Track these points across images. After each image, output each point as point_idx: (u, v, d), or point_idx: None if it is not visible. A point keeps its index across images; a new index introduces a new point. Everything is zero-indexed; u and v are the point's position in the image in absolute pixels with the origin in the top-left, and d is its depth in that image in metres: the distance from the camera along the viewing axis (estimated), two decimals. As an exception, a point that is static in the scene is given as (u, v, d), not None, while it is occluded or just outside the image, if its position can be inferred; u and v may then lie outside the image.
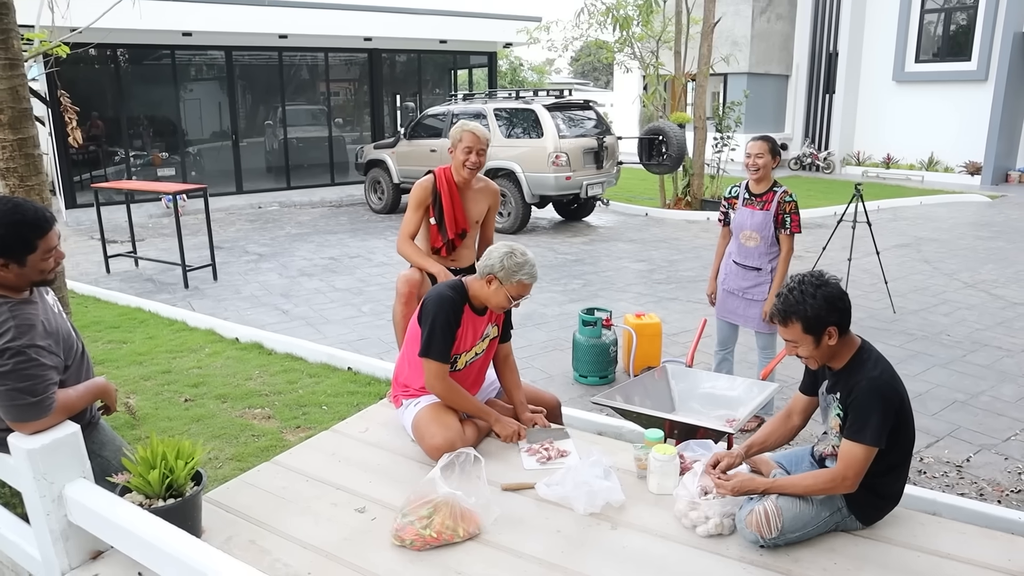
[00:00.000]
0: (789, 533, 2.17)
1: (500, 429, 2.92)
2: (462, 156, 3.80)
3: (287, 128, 15.19)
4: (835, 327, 2.24)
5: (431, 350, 2.80)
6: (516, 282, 2.82)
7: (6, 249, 2.09)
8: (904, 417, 2.26)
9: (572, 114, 10.87)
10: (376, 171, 12.52)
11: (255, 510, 2.41)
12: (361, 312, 6.76)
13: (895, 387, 2.24)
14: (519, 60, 31.24)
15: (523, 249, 2.87)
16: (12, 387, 2.03)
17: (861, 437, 2.18)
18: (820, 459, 2.45)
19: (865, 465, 2.18)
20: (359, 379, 4.98)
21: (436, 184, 3.89)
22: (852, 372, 2.28)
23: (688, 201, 12.74)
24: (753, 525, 2.17)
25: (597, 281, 7.98)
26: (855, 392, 2.22)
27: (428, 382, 2.82)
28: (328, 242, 10.15)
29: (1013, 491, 3.67)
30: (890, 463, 2.26)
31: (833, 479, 2.20)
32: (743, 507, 2.26)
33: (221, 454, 3.85)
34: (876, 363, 2.27)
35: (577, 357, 5.11)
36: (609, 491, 2.42)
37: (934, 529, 2.32)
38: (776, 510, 2.17)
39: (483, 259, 2.88)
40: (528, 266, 2.84)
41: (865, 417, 2.18)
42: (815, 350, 2.28)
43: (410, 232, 3.94)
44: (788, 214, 4.15)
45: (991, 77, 16.90)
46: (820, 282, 2.26)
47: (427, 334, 2.81)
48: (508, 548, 2.22)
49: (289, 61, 15.11)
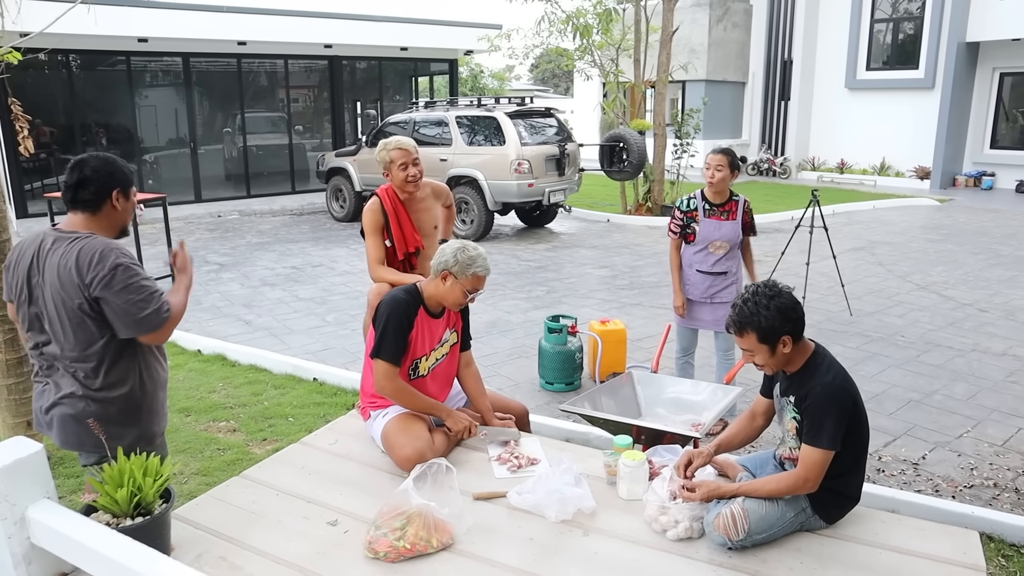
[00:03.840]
0: (756, 534, 2.23)
1: (452, 424, 2.93)
2: (400, 174, 3.78)
3: (247, 135, 15.00)
4: (789, 336, 2.31)
5: (381, 350, 2.82)
6: (471, 275, 2.87)
7: (126, 181, 2.43)
8: (858, 418, 2.33)
9: (534, 121, 10.95)
10: (338, 179, 12.44)
11: (225, 526, 2.39)
12: (325, 322, 6.70)
13: (848, 391, 2.31)
14: (480, 67, 31.30)
15: (474, 244, 2.93)
16: (134, 299, 2.28)
17: (818, 441, 2.25)
18: (781, 462, 2.51)
19: (823, 467, 2.25)
20: (325, 389, 4.94)
21: (383, 205, 3.88)
22: (806, 377, 2.35)
23: (649, 207, 12.89)
24: (720, 528, 2.21)
25: (561, 288, 8.04)
26: (810, 398, 2.29)
27: (377, 383, 2.83)
28: (290, 251, 10.04)
29: (966, 486, 3.79)
30: (847, 463, 2.33)
31: (795, 482, 2.26)
32: (710, 510, 2.30)
33: (186, 469, 3.79)
34: (829, 368, 2.34)
35: (543, 364, 5.14)
36: (580, 498, 2.45)
37: (894, 527, 2.39)
38: (743, 512, 2.22)
39: (436, 257, 2.91)
40: (481, 259, 2.89)
41: (820, 422, 2.25)
42: (770, 358, 2.35)
43: (378, 258, 3.92)
44: (751, 221, 4.34)
45: (938, 85, 17.46)
46: (773, 293, 2.32)
47: (379, 335, 2.83)
48: (482, 557, 2.23)
49: (248, 68, 14.93)
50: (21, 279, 2.38)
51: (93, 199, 2.37)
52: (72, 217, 2.39)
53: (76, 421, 2.36)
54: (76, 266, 2.26)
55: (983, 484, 3.82)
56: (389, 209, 3.85)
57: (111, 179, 2.39)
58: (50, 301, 2.31)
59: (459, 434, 2.94)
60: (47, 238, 2.36)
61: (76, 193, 2.36)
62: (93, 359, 2.34)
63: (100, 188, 2.37)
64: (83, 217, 2.38)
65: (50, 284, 2.30)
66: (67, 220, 2.40)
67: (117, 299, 2.26)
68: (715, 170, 4.21)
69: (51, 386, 2.41)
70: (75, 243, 2.30)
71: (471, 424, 2.96)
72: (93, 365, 2.34)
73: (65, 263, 2.27)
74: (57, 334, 2.34)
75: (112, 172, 2.40)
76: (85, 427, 2.31)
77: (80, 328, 2.31)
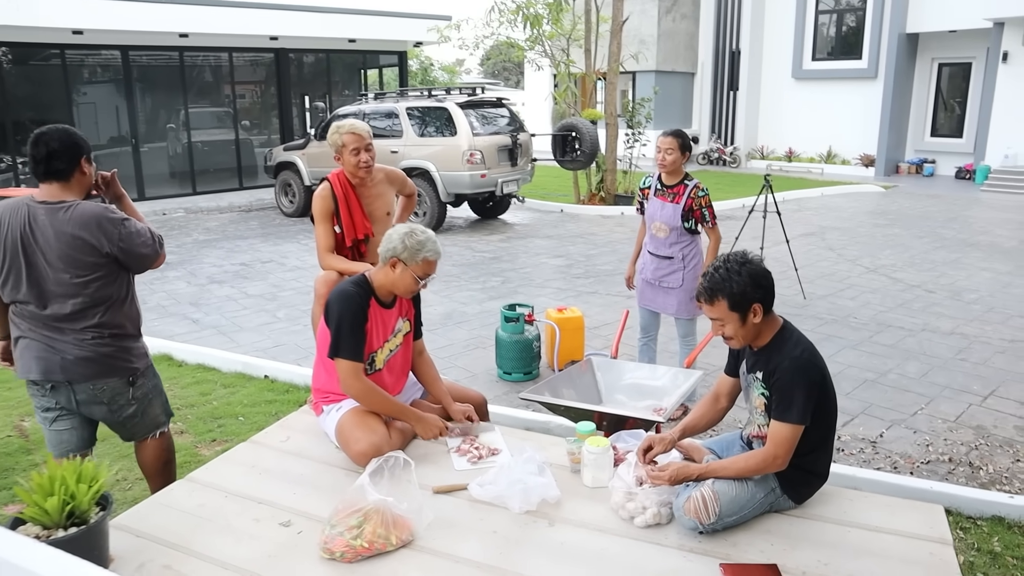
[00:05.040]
0: (727, 517, 2.18)
1: (422, 430, 2.81)
2: (352, 159, 3.63)
3: (191, 132, 14.56)
4: (760, 304, 2.26)
5: (341, 349, 2.69)
6: (421, 260, 2.75)
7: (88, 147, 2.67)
8: (826, 394, 2.30)
9: (485, 112, 10.83)
10: (286, 173, 12.14)
11: (169, 532, 2.24)
12: (276, 318, 6.51)
13: (817, 365, 2.28)
14: (430, 60, 31.00)
15: (422, 227, 2.81)
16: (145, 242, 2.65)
17: (788, 416, 2.20)
18: (748, 442, 2.47)
19: (793, 443, 2.21)
20: (277, 387, 4.78)
21: (334, 191, 3.73)
22: (774, 352, 2.31)
23: (602, 197, 12.90)
24: (691, 511, 2.16)
25: (516, 278, 7.96)
26: (778, 372, 2.25)
27: (344, 383, 2.70)
28: (239, 248, 9.76)
29: (923, 462, 3.83)
30: (815, 440, 2.30)
31: (764, 459, 2.22)
32: (680, 495, 2.24)
33: (130, 475, 3.60)
34: (797, 342, 2.31)
35: (500, 354, 5.06)
36: (544, 487, 2.36)
37: (862, 504, 2.37)
38: (713, 495, 2.16)
39: (383, 244, 2.78)
40: (431, 243, 2.77)
41: (789, 397, 2.21)
42: (740, 328, 2.30)
43: (328, 246, 3.77)
44: (704, 208, 4.20)
45: (880, 74, 17.87)
46: (744, 260, 2.28)
47: (335, 333, 2.70)
48: (443, 553, 2.14)
49: (191, 62, 14.49)
50: (11, 248, 2.56)
51: (66, 168, 2.60)
52: (48, 187, 2.59)
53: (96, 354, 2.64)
54: (86, 229, 2.53)
55: (939, 459, 3.86)
56: (339, 195, 3.70)
57: (78, 148, 2.62)
58: (56, 264, 2.54)
59: (429, 438, 2.82)
60: (35, 210, 2.55)
61: (49, 164, 2.57)
62: (100, 305, 2.63)
63: (71, 158, 2.60)
64: (58, 186, 2.60)
65: (56, 249, 2.53)
66: (43, 190, 2.60)
67: (133, 247, 2.62)
68: (665, 153, 4.16)
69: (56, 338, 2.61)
70: (71, 210, 2.55)
71: (443, 428, 2.85)
72: (100, 310, 2.63)
73: (71, 229, 2.52)
74: (61, 291, 2.57)
75: (77, 141, 2.63)
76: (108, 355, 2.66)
77: (91, 281, 2.58)
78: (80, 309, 2.59)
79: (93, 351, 2.63)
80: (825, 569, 2.03)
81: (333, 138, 3.63)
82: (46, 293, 2.57)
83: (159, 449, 2.93)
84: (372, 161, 3.69)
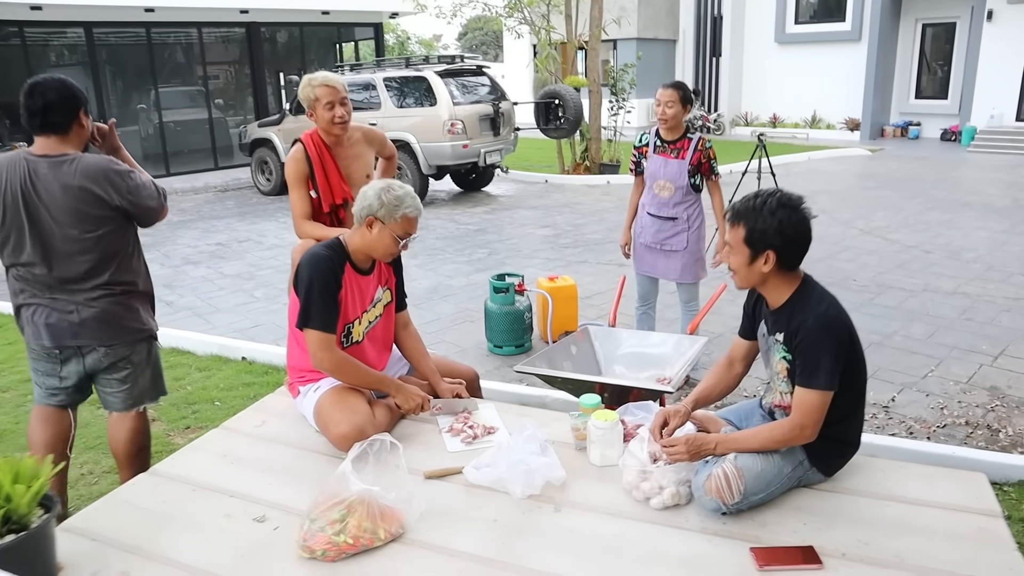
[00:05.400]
0: (753, 495, 1.95)
1: (402, 401, 2.54)
2: (326, 114, 3.31)
3: (162, 112, 14.07)
4: (774, 253, 2.02)
5: (310, 318, 2.42)
6: (400, 218, 2.48)
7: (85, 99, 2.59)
8: (855, 354, 2.08)
9: (465, 80, 10.49)
10: (262, 151, 11.75)
11: (129, 533, 1.99)
12: (254, 298, 6.22)
13: (844, 321, 2.05)
14: (407, 34, 30.38)
15: (399, 182, 2.54)
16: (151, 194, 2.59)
17: (815, 381, 1.97)
18: (770, 411, 2.24)
19: (822, 411, 1.99)
20: (255, 369, 4.52)
21: (307, 152, 3.43)
22: (795, 310, 2.07)
23: (587, 166, 12.63)
24: (714, 491, 1.93)
25: (503, 249, 7.71)
26: (802, 332, 2.01)
27: (313, 355, 2.44)
28: (214, 227, 9.42)
29: (939, 426, 3.65)
30: (845, 406, 2.07)
31: (791, 430, 1.99)
32: (699, 472, 2.02)
33: (96, 468, 3.35)
34: (821, 298, 2.07)
35: (490, 327, 4.81)
36: (548, 468, 2.13)
37: (897, 475, 2.16)
38: (736, 471, 1.94)
39: (357, 202, 2.52)
40: (410, 197, 2.50)
41: (815, 359, 1.98)
42: (745, 266, 2.06)
43: (303, 212, 3.46)
44: (712, 160, 3.99)
45: (864, 37, 17.62)
46: (786, 204, 2.02)
47: (304, 301, 2.43)
48: (438, 546, 1.90)
49: (160, 39, 13.97)
50: (11, 205, 2.45)
51: (63, 121, 2.49)
52: (45, 141, 2.49)
53: (108, 313, 2.56)
54: (95, 181, 2.45)
55: (955, 423, 3.68)
56: (314, 156, 3.39)
57: (75, 100, 2.52)
58: (63, 219, 2.44)
59: (411, 412, 2.57)
60: (36, 164, 2.45)
61: (46, 117, 2.46)
62: (111, 261, 2.55)
63: (68, 109, 2.50)
64: (56, 139, 2.50)
65: (62, 204, 2.44)
66: (40, 144, 2.49)
67: (141, 200, 2.55)
68: (665, 107, 3.90)
69: (66, 300, 2.52)
70: (75, 163, 2.46)
71: (424, 400, 2.58)
72: (111, 267, 2.55)
73: (78, 181, 2.44)
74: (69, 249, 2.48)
75: (74, 92, 2.52)
76: (120, 314, 2.58)
77: (102, 236, 2.50)
78: (91, 267, 2.51)
79: (105, 309, 2.55)
80: (866, 549, 1.82)
81: (305, 92, 3.32)
82: (52, 251, 2.48)
83: (134, 431, 2.72)
84: (348, 116, 3.38)
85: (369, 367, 2.58)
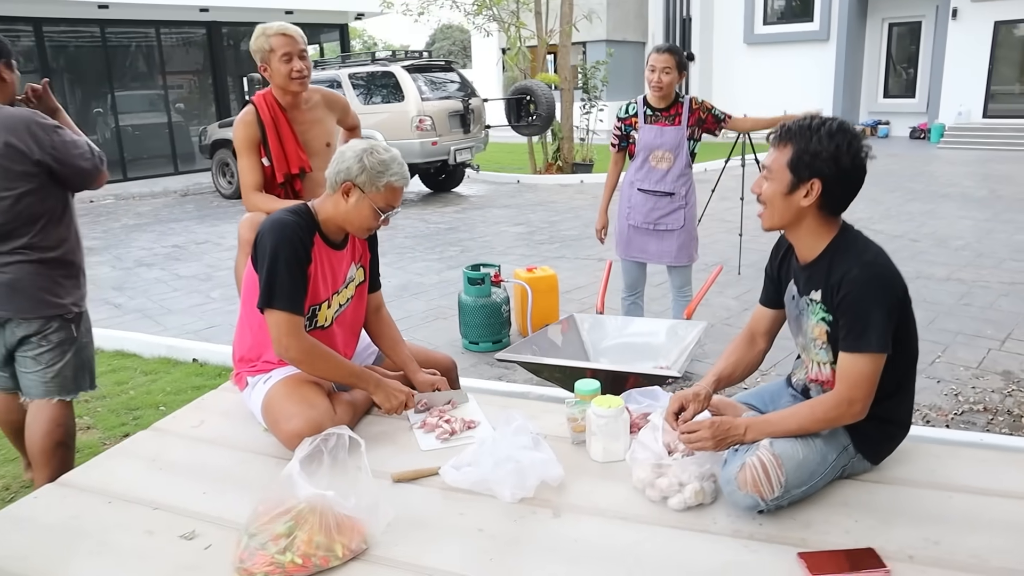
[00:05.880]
0: (794, 488, 1.62)
1: (382, 399, 2.16)
2: (282, 67, 2.86)
3: (119, 116, 13.49)
4: (820, 183, 1.70)
5: (275, 296, 2.02)
6: (384, 187, 2.09)
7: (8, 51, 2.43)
8: (907, 314, 1.75)
9: (434, 76, 10.15)
10: (223, 152, 11.20)
11: (27, 558, 1.59)
12: (210, 298, 5.78)
13: (895, 272, 1.72)
14: (373, 40, 29.99)
15: (384, 144, 2.16)
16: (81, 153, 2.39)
17: (865, 344, 1.64)
18: (804, 389, 1.91)
19: (875, 380, 1.65)
20: (207, 371, 4.10)
21: (259, 115, 3.02)
22: (835, 261, 1.73)
23: (559, 166, 12.34)
24: (749, 483, 1.58)
25: (475, 247, 7.35)
26: (846, 285, 1.67)
27: (278, 343, 2.04)
28: (172, 230, 8.92)
29: (956, 413, 3.37)
30: (896, 378, 1.75)
31: (838, 405, 1.65)
32: (728, 463, 1.67)
33: (14, 483, 2.91)
34: (866, 246, 1.75)
35: (465, 322, 4.45)
36: (543, 465, 1.77)
37: (953, 462, 1.84)
38: (775, 460, 1.60)
39: (332, 164, 2.12)
40: (396, 164, 2.12)
41: (865, 316, 1.64)
42: (781, 197, 1.73)
43: (254, 182, 3.03)
44: (712, 109, 3.76)
45: (832, 36, 17.62)
46: (848, 130, 1.70)
47: (267, 276, 2.02)
48: (410, 564, 1.53)
49: (116, 40, 13.40)
50: None
51: None
52: None
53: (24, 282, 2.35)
54: (13, 133, 2.27)
55: (972, 409, 3.40)
56: (267, 119, 2.97)
57: None
58: None
59: (392, 411, 2.17)
60: None
61: None
62: (31, 224, 2.35)
63: None
64: None
65: None
66: None
67: (69, 158, 2.36)
68: (662, 73, 3.59)
69: None
70: None
71: (408, 396, 2.19)
72: (31, 230, 2.35)
73: None
74: None
75: None
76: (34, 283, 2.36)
77: (23, 195, 2.31)
78: (8, 229, 2.32)
79: (19, 275, 2.35)
80: (937, 549, 1.49)
81: (258, 42, 2.89)
82: None
83: (51, 422, 2.44)
84: (308, 72, 2.97)
85: (342, 357, 2.20)
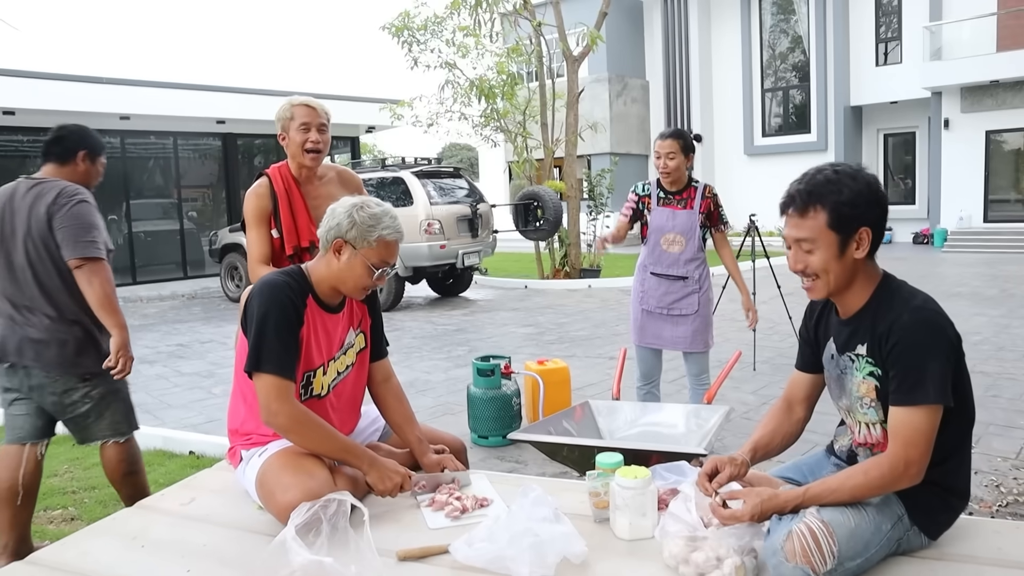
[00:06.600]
0: (848, 561, 1.44)
1: (376, 479, 1.97)
2: (298, 137, 2.84)
3: (132, 223, 13.77)
4: (870, 230, 1.60)
5: (262, 359, 1.90)
6: (376, 242, 2.01)
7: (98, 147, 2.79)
8: (962, 366, 1.62)
9: (442, 182, 10.36)
10: (233, 256, 11.37)
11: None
12: (211, 394, 5.64)
13: (948, 320, 1.59)
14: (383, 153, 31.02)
15: (376, 199, 2.10)
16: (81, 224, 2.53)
17: (921, 395, 1.50)
18: (849, 456, 1.75)
19: (932, 437, 1.50)
20: (203, 463, 3.91)
21: (272, 187, 3.00)
22: (882, 310, 1.62)
23: (567, 271, 12.40)
24: (799, 554, 1.41)
25: (483, 347, 7.23)
26: (895, 333, 1.54)
27: (266, 408, 1.89)
28: (177, 330, 8.88)
29: (1001, 505, 3.16)
30: (952, 441, 1.60)
31: (892, 466, 1.50)
32: (773, 532, 1.51)
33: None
34: (913, 292, 1.64)
35: (474, 415, 4.28)
36: (564, 540, 1.60)
37: (1017, 536, 1.66)
38: (825, 528, 1.43)
39: (324, 223, 2.06)
40: (388, 217, 2.05)
41: (920, 365, 1.51)
42: (835, 260, 1.61)
43: (262, 254, 2.97)
44: (719, 208, 3.72)
45: (830, 147, 18.16)
46: (857, 168, 1.64)
47: (256, 338, 1.92)
48: (418, 647, 1.35)
49: (134, 151, 13.86)
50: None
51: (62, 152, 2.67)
52: (44, 168, 2.68)
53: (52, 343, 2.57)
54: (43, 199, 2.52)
55: (1018, 501, 3.19)
56: (280, 191, 2.92)
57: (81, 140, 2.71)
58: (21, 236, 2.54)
59: (386, 494, 1.99)
60: (20, 184, 2.61)
61: (49, 146, 2.68)
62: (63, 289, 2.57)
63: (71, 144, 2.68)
64: (51, 167, 2.66)
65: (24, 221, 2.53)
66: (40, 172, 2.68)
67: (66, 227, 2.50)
68: (667, 159, 3.60)
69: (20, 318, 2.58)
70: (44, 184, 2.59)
71: (405, 478, 2.02)
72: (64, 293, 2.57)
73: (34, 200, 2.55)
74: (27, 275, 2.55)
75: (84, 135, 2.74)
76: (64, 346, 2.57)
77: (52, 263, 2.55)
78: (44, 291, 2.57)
79: (49, 336, 2.57)
80: (1018, 633, 1.31)
81: (282, 110, 2.88)
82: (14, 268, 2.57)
83: (118, 459, 2.81)
84: (324, 148, 2.95)
85: (335, 430, 2.05)
